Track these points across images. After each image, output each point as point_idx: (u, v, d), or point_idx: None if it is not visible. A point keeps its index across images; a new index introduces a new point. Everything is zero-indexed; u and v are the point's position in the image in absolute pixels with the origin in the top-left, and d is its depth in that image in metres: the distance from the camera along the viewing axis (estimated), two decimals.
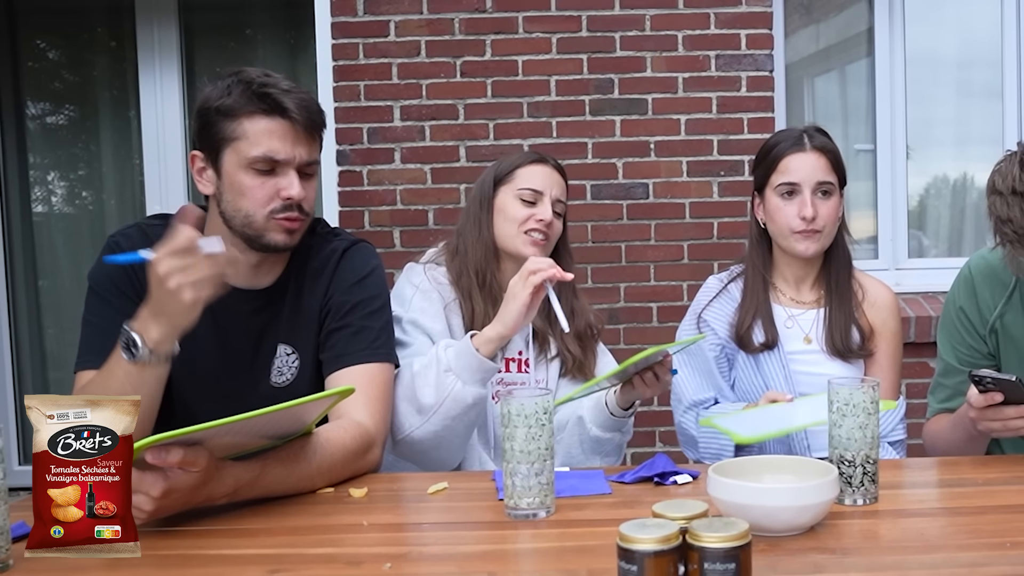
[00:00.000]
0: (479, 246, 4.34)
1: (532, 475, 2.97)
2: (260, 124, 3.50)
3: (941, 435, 4.14)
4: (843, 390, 3.07)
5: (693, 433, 4.48)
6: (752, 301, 4.50)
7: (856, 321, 4.45)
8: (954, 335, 4.20)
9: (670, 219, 7.66)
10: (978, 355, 4.12)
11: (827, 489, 2.74)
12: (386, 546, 2.81)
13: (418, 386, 3.92)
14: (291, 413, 3.07)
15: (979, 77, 8.43)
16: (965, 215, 8.59)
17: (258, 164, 3.51)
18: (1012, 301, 4.02)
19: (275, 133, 3.50)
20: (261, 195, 3.53)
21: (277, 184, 3.53)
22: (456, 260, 4.39)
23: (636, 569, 2.20)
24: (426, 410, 3.89)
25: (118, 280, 3.66)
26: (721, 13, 7.69)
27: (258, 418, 2.89)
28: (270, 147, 3.49)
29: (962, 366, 4.08)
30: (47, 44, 8.82)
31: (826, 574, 2.47)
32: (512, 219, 4.29)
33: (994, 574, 2.42)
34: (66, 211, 8.87)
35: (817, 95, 8.60)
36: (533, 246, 4.25)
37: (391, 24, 7.71)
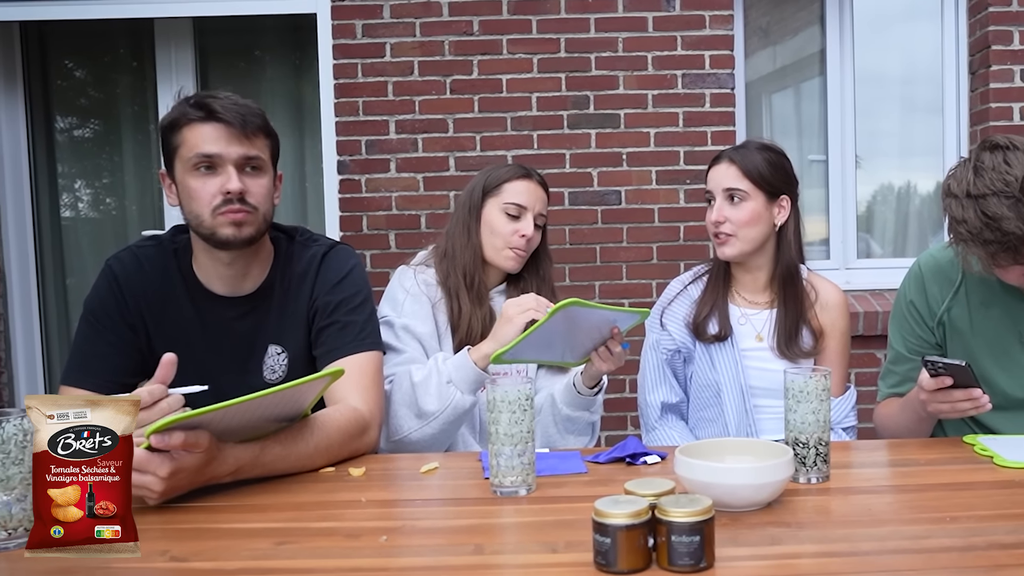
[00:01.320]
0: (468, 251, 4.38)
1: (515, 456, 3.01)
2: (195, 129, 3.56)
3: (891, 417, 4.15)
4: (797, 379, 3.10)
5: (653, 423, 4.56)
6: (711, 296, 4.54)
7: (807, 322, 4.47)
8: (904, 326, 4.22)
9: (640, 223, 7.64)
10: (926, 345, 4.14)
11: (783, 469, 2.77)
12: (382, 520, 2.82)
13: (420, 395, 4.05)
14: (287, 395, 3.10)
15: (921, 94, 8.41)
16: (909, 219, 8.59)
17: (198, 164, 3.56)
18: (958, 296, 4.06)
19: (208, 135, 3.55)
20: (205, 194, 3.57)
21: (218, 181, 3.56)
22: (444, 262, 4.42)
23: (610, 541, 2.24)
24: (427, 415, 4.04)
25: (111, 310, 3.76)
26: (687, 36, 7.68)
27: (256, 401, 2.94)
28: (205, 147, 3.53)
29: (911, 355, 4.14)
30: (74, 64, 8.79)
31: (782, 546, 2.46)
32: (497, 233, 4.35)
33: (936, 546, 2.42)
34: (91, 216, 8.84)
35: (774, 110, 8.58)
36: (512, 261, 4.35)
37: (387, 46, 7.71)
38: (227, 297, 3.86)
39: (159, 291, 3.81)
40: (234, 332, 3.86)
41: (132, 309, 3.77)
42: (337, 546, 2.57)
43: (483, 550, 2.51)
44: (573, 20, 7.71)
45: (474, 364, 4.05)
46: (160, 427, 2.73)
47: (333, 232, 7.76)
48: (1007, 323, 4.01)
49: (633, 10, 7.69)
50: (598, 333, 3.96)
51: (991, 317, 4.04)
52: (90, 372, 3.69)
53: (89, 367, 3.69)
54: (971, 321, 4.08)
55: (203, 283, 3.85)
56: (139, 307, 3.77)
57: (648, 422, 4.57)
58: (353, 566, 2.40)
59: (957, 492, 2.94)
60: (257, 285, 3.89)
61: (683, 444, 3.10)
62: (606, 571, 2.27)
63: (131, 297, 3.77)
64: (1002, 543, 2.41)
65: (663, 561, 2.28)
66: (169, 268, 3.85)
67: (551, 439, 4.32)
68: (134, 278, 3.79)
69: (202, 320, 3.82)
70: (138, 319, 3.76)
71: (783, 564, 2.32)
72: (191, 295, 3.85)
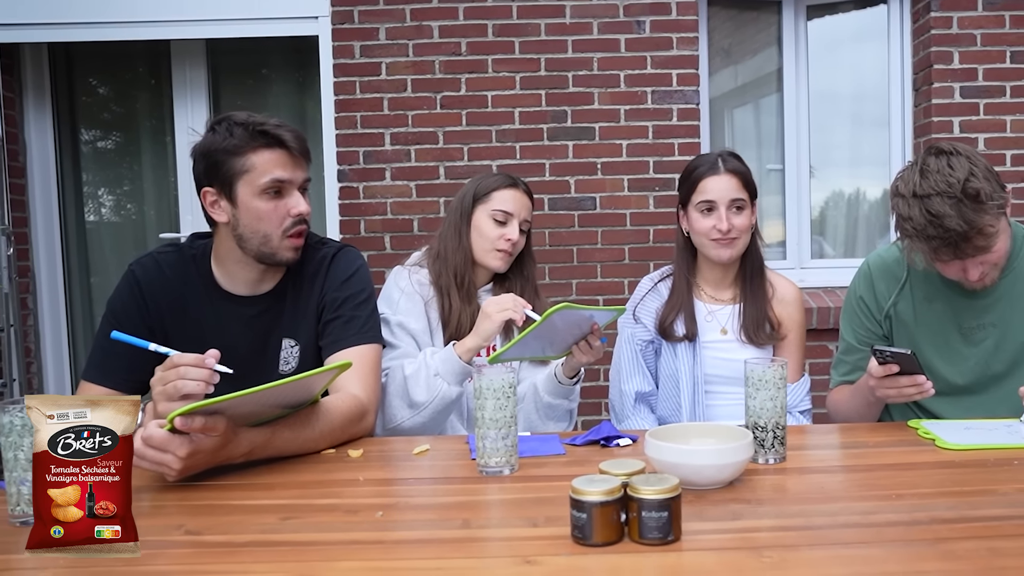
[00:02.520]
0: (459, 253, 4.42)
1: (499, 439, 3.04)
2: (265, 156, 3.58)
3: (842, 402, 4.19)
4: (757, 369, 3.13)
5: (628, 413, 4.56)
6: (677, 299, 4.55)
7: (767, 315, 4.49)
8: (854, 320, 4.27)
9: (614, 227, 7.64)
10: (875, 336, 4.18)
11: (743, 450, 2.78)
12: (378, 497, 2.83)
13: (411, 387, 4.09)
14: (298, 386, 3.14)
15: (869, 109, 8.42)
16: (858, 223, 8.60)
17: (269, 188, 3.58)
18: (903, 292, 4.11)
19: (278, 162, 3.59)
20: (276, 216, 3.62)
21: (286, 204, 3.62)
22: (437, 263, 4.45)
23: (586, 517, 2.25)
24: (417, 406, 4.07)
25: (132, 313, 3.76)
26: (656, 56, 7.68)
27: (270, 391, 2.98)
28: (277, 173, 3.57)
29: (861, 345, 4.19)
30: (98, 82, 8.77)
31: (743, 521, 2.46)
32: (486, 236, 4.38)
33: (883, 521, 2.42)
34: (113, 220, 8.83)
35: (735, 124, 8.58)
36: (499, 261, 4.38)
37: (383, 65, 7.71)
38: (246, 297, 3.88)
39: (179, 295, 3.82)
40: (252, 328, 3.88)
41: (153, 312, 3.78)
42: (337, 521, 2.57)
43: (470, 524, 2.51)
44: (552, 42, 7.72)
45: (459, 358, 4.07)
46: (183, 412, 2.77)
47: (333, 235, 7.78)
48: (948, 316, 4.05)
49: (607, 32, 7.70)
50: (579, 329, 4.00)
51: (933, 311, 4.07)
52: (109, 370, 3.70)
53: (109, 366, 3.69)
54: (915, 314, 4.11)
55: (222, 285, 3.87)
56: (160, 311, 3.78)
57: (622, 411, 4.57)
58: (352, 539, 2.40)
59: (902, 472, 2.95)
60: (273, 285, 3.92)
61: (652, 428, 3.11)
62: (582, 544, 2.27)
63: (152, 301, 3.78)
64: (943, 518, 2.42)
65: (634, 535, 2.28)
66: (189, 273, 3.86)
67: (532, 424, 4.35)
68: (156, 283, 3.80)
69: (221, 319, 3.83)
70: (158, 322, 3.77)
71: (744, 537, 2.32)
72: (210, 297, 3.86)
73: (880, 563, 2.11)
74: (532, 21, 7.72)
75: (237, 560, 2.26)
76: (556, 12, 7.70)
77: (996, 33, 7.62)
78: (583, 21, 7.72)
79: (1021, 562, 2.08)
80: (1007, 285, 3.97)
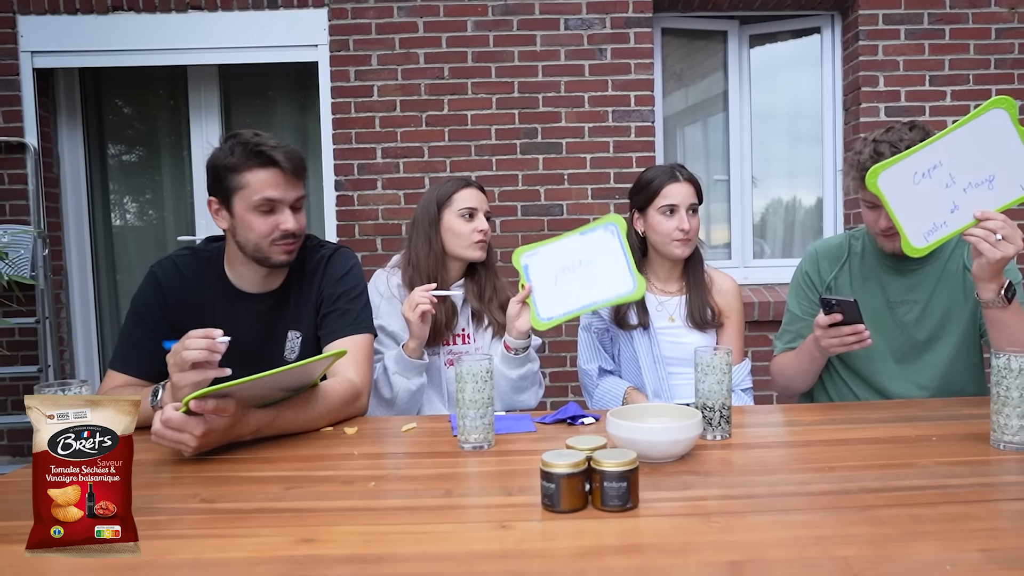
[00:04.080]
0: (431, 257, 4.45)
1: (478, 418, 3.05)
2: (259, 175, 3.58)
3: (787, 364, 4.25)
4: (705, 356, 3.14)
5: (590, 388, 4.60)
6: None
7: (709, 303, 4.53)
8: (800, 293, 4.37)
9: None
10: (816, 307, 4.20)
11: (693, 428, 2.78)
12: (371, 470, 2.81)
13: (380, 387, 4.25)
14: (299, 371, 3.18)
15: (804, 126, 8.44)
16: (794, 227, 8.61)
17: (260, 207, 3.59)
18: (843, 270, 4.25)
19: (271, 181, 3.59)
20: (264, 229, 3.63)
21: (276, 220, 3.63)
22: (409, 269, 4.50)
23: (554, 487, 2.27)
24: (388, 402, 4.25)
25: (154, 310, 3.78)
26: (616, 79, 7.70)
27: (274, 376, 3.03)
28: (268, 192, 3.57)
29: (804, 316, 4.31)
30: (123, 102, 8.74)
31: (693, 490, 2.46)
32: (460, 234, 4.42)
33: (817, 490, 2.42)
34: (136, 224, 8.80)
35: (686, 140, 8.57)
36: (479, 250, 4.44)
37: (375, 88, 7.70)
38: (255, 294, 3.89)
39: (196, 293, 3.83)
40: (261, 322, 3.90)
41: (172, 309, 3.78)
42: (334, 490, 2.57)
43: (452, 494, 2.50)
44: (524, 67, 7.74)
45: (407, 356, 4.21)
46: (197, 395, 2.86)
47: (331, 237, 7.79)
48: (879, 292, 4.14)
49: (572, 59, 7.72)
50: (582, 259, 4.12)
51: (868, 288, 4.17)
52: (133, 361, 3.71)
53: (133, 356, 3.69)
54: (852, 289, 4.20)
55: (234, 284, 3.88)
56: (178, 307, 3.79)
57: (591, 387, 4.58)
58: (347, 506, 2.39)
59: (834, 447, 2.95)
60: (279, 283, 3.94)
61: (614, 408, 3.12)
62: (551, 511, 2.28)
63: (171, 299, 3.79)
64: (870, 488, 2.42)
65: (597, 503, 2.29)
66: (204, 273, 3.87)
67: (511, 400, 4.39)
68: (175, 283, 3.81)
69: (233, 314, 3.83)
70: (176, 317, 3.76)
71: (694, 505, 2.31)
72: (223, 294, 3.87)
73: (814, 528, 2.10)
74: (507, 49, 7.75)
75: (246, 525, 2.26)
76: (528, 41, 7.74)
77: (916, 59, 7.69)
78: (552, 49, 7.74)
79: (939, 527, 2.08)
80: (931, 269, 4.09)
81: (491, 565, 1.93)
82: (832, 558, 1.91)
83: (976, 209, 3.42)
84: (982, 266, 3.44)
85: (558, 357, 7.83)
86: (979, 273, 3.49)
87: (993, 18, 7.68)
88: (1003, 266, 3.43)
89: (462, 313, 4.55)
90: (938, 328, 4.07)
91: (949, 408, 3.60)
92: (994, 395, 2.90)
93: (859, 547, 1.97)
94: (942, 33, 7.69)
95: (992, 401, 2.92)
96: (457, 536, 2.13)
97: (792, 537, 2.05)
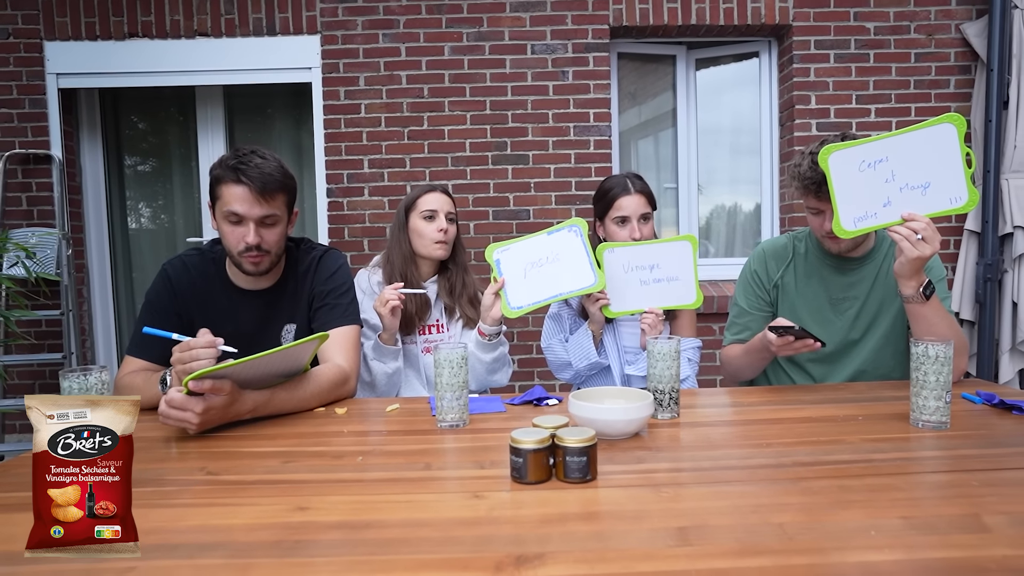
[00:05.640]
0: (401, 256, 4.52)
1: (454, 399, 3.07)
2: (231, 189, 3.60)
3: (736, 357, 4.24)
4: (657, 345, 3.16)
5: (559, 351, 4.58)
6: None
7: None
8: (748, 289, 4.35)
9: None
10: (763, 303, 4.29)
11: (646, 408, 2.77)
12: (358, 446, 2.81)
13: (361, 373, 4.25)
14: (287, 354, 3.23)
15: (745, 140, 8.43)
16: (736, 231, 8.61)
17: (229, 217, 3.62)
18: (788, 269, 4.23)
19: (237, 196, 3.59)
20: (232, 239, 3.67)
21: (241, 232, 3.64)
22: (387, 266, 4.56)
23: (522, 460, 2.29)
24: (369, 384, 4.31)
25: (165, 302, 3.82)
26: (576, 98, 7.70)
27: (264, 359, 3.09)
28: (233, 206, 3.59)
29: (751, 310, 4.31)
30: (138, 119, 8.70)
31: (645, 464, 2.46)
32: (423, 234, 4.48)
33: (756, 464, 2.42)
34: (150, 227, 8.77)
35: (639, 152, 8.55)
36: (441, 249, 4.49)
37: (362, 106, 7.70)
38: (254, 291, 3.92)
39: (201, 289, 3.86)
40: (260, 315, 3.92)
41: (181, 303, 3.81)
42: (326, 464, 2.57)
43: (431, 467, 2.49)
44: (496, 87, 7.74)
45: (382, 343, 4.30)
46: (196, 376, 2.93)
47: (323, 239, 7.83)
48: (821, 289, 4.14)
49: (538, 80, 7.72)
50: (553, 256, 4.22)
51: (811, 285, 4.17)
52: (147, 347, 3.71)
53: (147, 344, 3.66)
54: (797, 286, 4.20)
55: (235, 282, 3.91)
56: (186, 301, 3.82)
57: (557, 349, 4.57)
58: (337, 478, 2.38)
59: (771, 426, 2.96)
60: (275, 281, 3.96)
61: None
62: (519, 482, 2.29)
63: (180, 293, 3.82)
64: (803, 462, 2.43)
65: (560, 475, 2.30)
66: (209, 272, 3.90)
67: (485, 380, 4.46)
68: (183, 280, 3.84)
69: (235, 308, 3.87)
70: (185, 310, 3.81)
71: (646, 477, 2.30)
72: (226, 290, 3.90)
73: (753, 497, 2.10)
74: (480, 71, 7.75)
75: (247, 495, 2.25)
76: (499, 64, 7.74)
77: (844, 80, 7.73)
78: (520, 71, 7.75)
79: (864, 496, 2.08)
80: (868, 269, 4.10)
81: (466, 530, 1.92)
82: (769, 524, 1.91)
83: (905, 210, 3.46)
84: (902, 263, 3.48)
85: (525, 345, 7.83)
86: (899, 270, 3.53)
87: (912, 44, 7.74)
88: (920, 265, 3.45)
89: (436, 306, 4.59)
90: (872, 321, 4.08)
91: (873, 391, 3.61)
92: (914, 379, 2.92)
93: (793, 514, 1.96)
94: (867, 57, 7.74)
95: (912, 385, 2.93)
96: (435, 505, 2.12)
97: (733, 506, 2.05)
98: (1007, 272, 7.46)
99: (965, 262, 7.64)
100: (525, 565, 1.73)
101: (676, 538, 1.84)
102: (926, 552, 1.76)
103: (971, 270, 7.61)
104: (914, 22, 7.74)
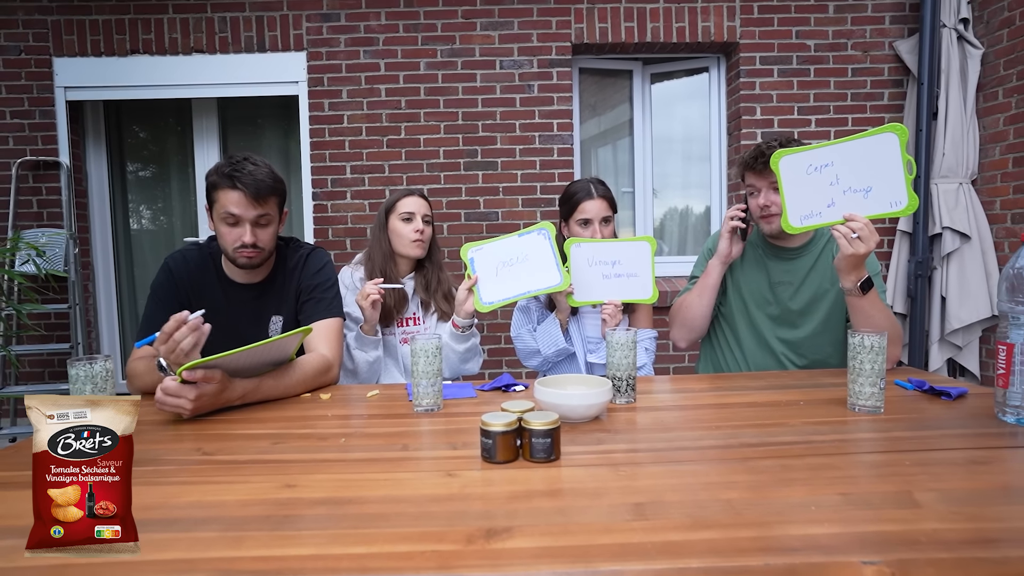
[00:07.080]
0: (381, 254, 4.52)
1: (429, 386, 3.06)
2: (227, 194, 3.63)
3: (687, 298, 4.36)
4: (615, 336, 3.15)
5: (527, 339, 4.53)
6: None
7: None
8: (704, 262, 4.46)
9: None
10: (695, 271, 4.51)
11: (605, 394, 2.77)
12: (341, 428, 2.80)
13: (344, 361, 4.25)
14: (274, 346, 3.26)
15: (696, 148, 8.44)
16: (688, 231, 8.61)
17: (226, 219, 3.66)
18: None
19: (234, 200, 3.62)
20: (229, 239, 3.70)
21: (238, 232, 3.68)
22: (368, 263, 4.56)
23: (491, 442, 2.29)
24: (351, 372, 4.31)
25: (168, 292, 3.84)
26: (541, 110, 7.69)
27: (253, 350, 3.14)
28: (230, 208, 3.62)
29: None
30: (139, 128, 8.66)
31: (604, 445, 2.45)
32: (401, 235, 4.48)
33: (706, 445, 2.42)
34: (151, 228, 8.72)
35: (599, 159, 8.54)
36: (418, 249, 4.49)
37: (344, 116, 7.68)
38: (246, 284, 3.94)
39: (199, 281, 3.89)
40: (251, 307, 3.94)
41: (182, 292, 3.83)
42: (312, 445, 2.57)
43: (408, 448, 2.48)
44: (467, 99, 7.73)
45: (364, 334, 4.31)
46: (188, 367, 2.98)
47: (309, 239, 7.80)
48: (763, 274, 4.23)
49: (506, 93, 7.73)
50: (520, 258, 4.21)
51: (756, 270, 4.26)
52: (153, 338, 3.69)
53: (154, 331, 3.65)
54: (743, 268, 4.30)
55: (229, 276, 3.93)
56: (186, 291, 3.84)
57: (526, 337, 4.53)
58: (322, 458, 2.37)
59: (720, 410, 2.95)
60: (265, 276, 3.98)
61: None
62: (489, 462, 2.29)
63: (181, 284, 3.84)
64: (749, 443, 2.43)
65: (526, 455, 2.30)
66: (206, 265, 3.92)
67: (457, 368, 4.46)
68: (183, 272, 3.86)
69: (229, 300, 3.90)
70: (185, 299, 3.82)
71: (605, 457, 2.30)
72: (221, 283, 3.92)
73: (703, 476, 2.10)
74: (452, 84, 7.75)
75: (240, 473, 2.24)
76: (470, 78, 7.74)
77: (787, 93, 7.76)
78: (489, 85, 7.74)
79: (805, 475, 2.08)
80: (805, 259, 4.17)
81: (440, 506, 1.92)
82: (718, 500, 1.90)
83: (847, 211, 3.50)
84: (840, 259, 3.53)
85: (495, 336, 7.84)
86: (839, 264, 3.57)
87: (850, 60, 7.77)
88: (857, 261, 3.50)
89: (412, 300, 4.59)
90: (807, 306, 4.14)
91: (814, 378, 3.63)
92: (851, 367, 2.92)
93: (740, 491, 1.96)
94: (808, 72, 7.76)
95: (849, 372, 2.93)
96: (412, 482, 2.11)
97: (685, 483, 2.04)
98: (936, 269, 7.50)
99: (898, 260, 7.69)
100: (494, 538, 1.72)
101: (633, 513, 1.83)
102: (862, 526, 1.76)
103: (903, 267, 7.66)
104: (851, 40, 7.78)
